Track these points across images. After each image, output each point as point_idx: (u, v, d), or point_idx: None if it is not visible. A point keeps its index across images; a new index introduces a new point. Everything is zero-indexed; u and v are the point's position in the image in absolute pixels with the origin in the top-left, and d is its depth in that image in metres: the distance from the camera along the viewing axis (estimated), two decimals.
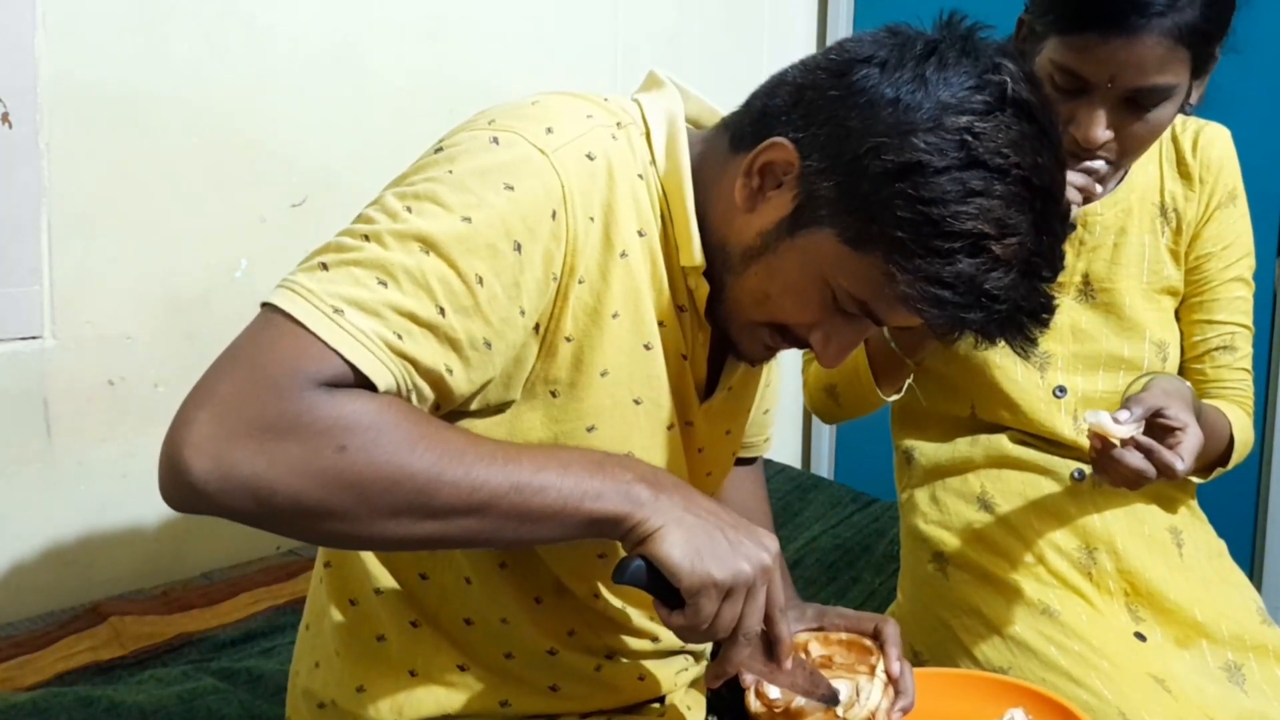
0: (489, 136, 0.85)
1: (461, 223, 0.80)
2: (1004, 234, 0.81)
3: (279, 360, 0.75)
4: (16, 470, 1.60)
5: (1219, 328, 1.35)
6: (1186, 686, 1.24)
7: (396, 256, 0.79)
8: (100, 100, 1.60)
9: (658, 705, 1.09)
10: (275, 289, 0.79)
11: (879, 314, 0.88)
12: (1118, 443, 1.10)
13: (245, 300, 1.78)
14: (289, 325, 0.76)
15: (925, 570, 1.39)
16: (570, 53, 2.15)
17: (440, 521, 0.78)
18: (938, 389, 1.40)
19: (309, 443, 0.74)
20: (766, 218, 0.89)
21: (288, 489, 0.74)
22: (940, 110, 0.82)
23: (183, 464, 0.73)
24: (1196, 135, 1.33)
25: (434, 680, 0.99)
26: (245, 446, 0.73)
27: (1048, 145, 0.84)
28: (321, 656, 1.03)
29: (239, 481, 0.73)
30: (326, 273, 0.78)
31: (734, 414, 1.09)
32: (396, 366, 0.78)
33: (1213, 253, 1.33)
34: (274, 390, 0.74)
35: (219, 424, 0.73)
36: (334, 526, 0.77)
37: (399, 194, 0.83)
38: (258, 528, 0.77)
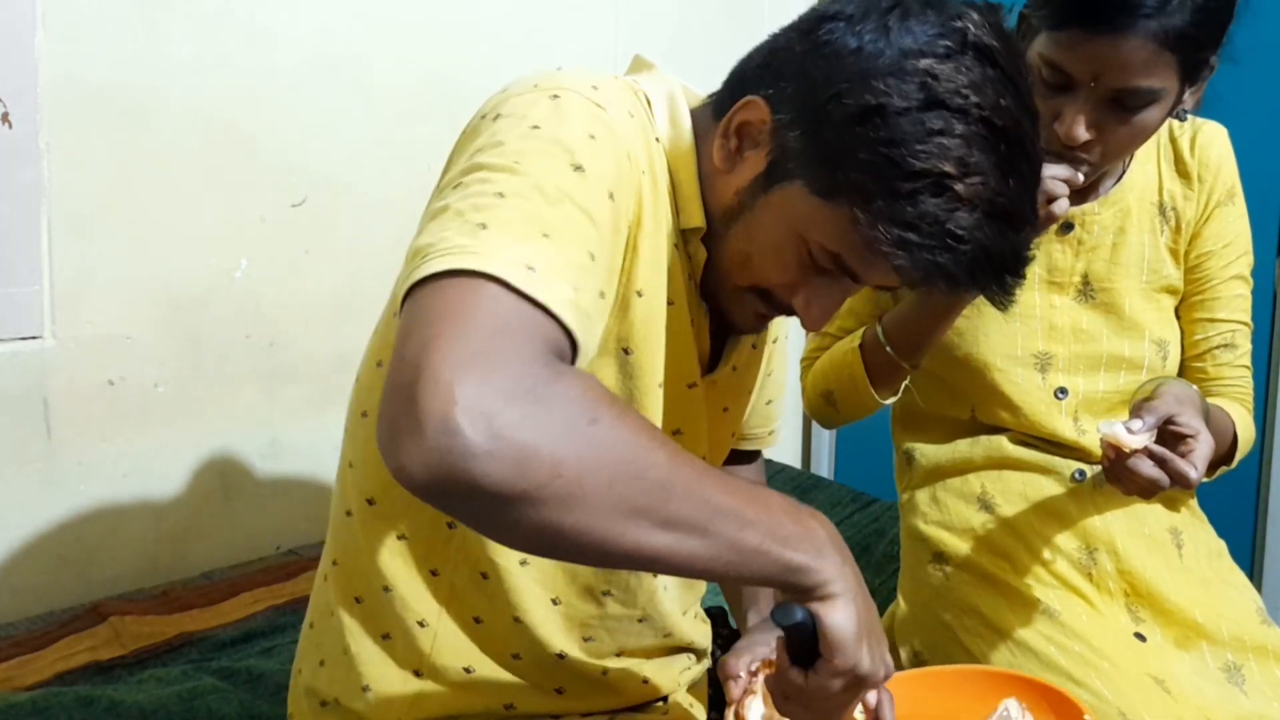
0: (547, 95, 0.84)
1: (575, 171, 0.79)
2: (966, 173, 0.80)
3: (505, 322, 0.69)
4: (16, 470, 1.60)
5: (1220, 326, 1.35)
6: (1186, 687, 1.24)
7: (542, 207, 0.76)
8: (100, 100, 1.61)
9: (661, 704, 1.09)
10: (441, 256, 0.71)
11: (854, 268, 0.87)
12: (1131, 453, 1.10)
13: (245, 300, 1.78)
14: (493, 286, 0.70)
15: (925, 570, 1.39)
16: (570, 53, 2.15)
17: (670, 534, 0.71)
18: (938, 391, 1.40)
19: (566, 411, 0.67)
20: (743, 177, 0.90)
21: (550, 458, 0.65)
22: (901, 55, 0.82)
23: (454, 426, 0.63)
24: (1194, 134, 1.33)
25: (439, 681, 0.99)
26: (514, 410, 0.65)
27: (1011, 90, 0.83)
28: (326, 655, 1.03)
29: (512, 444, 0.64)
30: (489, 232, 0.73)
31: (735, 393, 1.09)
32: (580, 327, 0.74)
33: (1213, 251, 1.34)
34: (521, 355, 0.68)
35: (482, 387, 0.65)
36: (575, 516, 0.67)
37: (497, 154, 0.79)
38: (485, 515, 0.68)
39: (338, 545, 1.03)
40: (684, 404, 1.00)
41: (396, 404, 0.66)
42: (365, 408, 0.99)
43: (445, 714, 0.99)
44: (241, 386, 1.81)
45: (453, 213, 0.75)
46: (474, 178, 0.78)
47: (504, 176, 0.77)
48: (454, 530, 0.95)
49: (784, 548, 0.75)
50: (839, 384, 1.36)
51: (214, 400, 1.77)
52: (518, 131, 0.81)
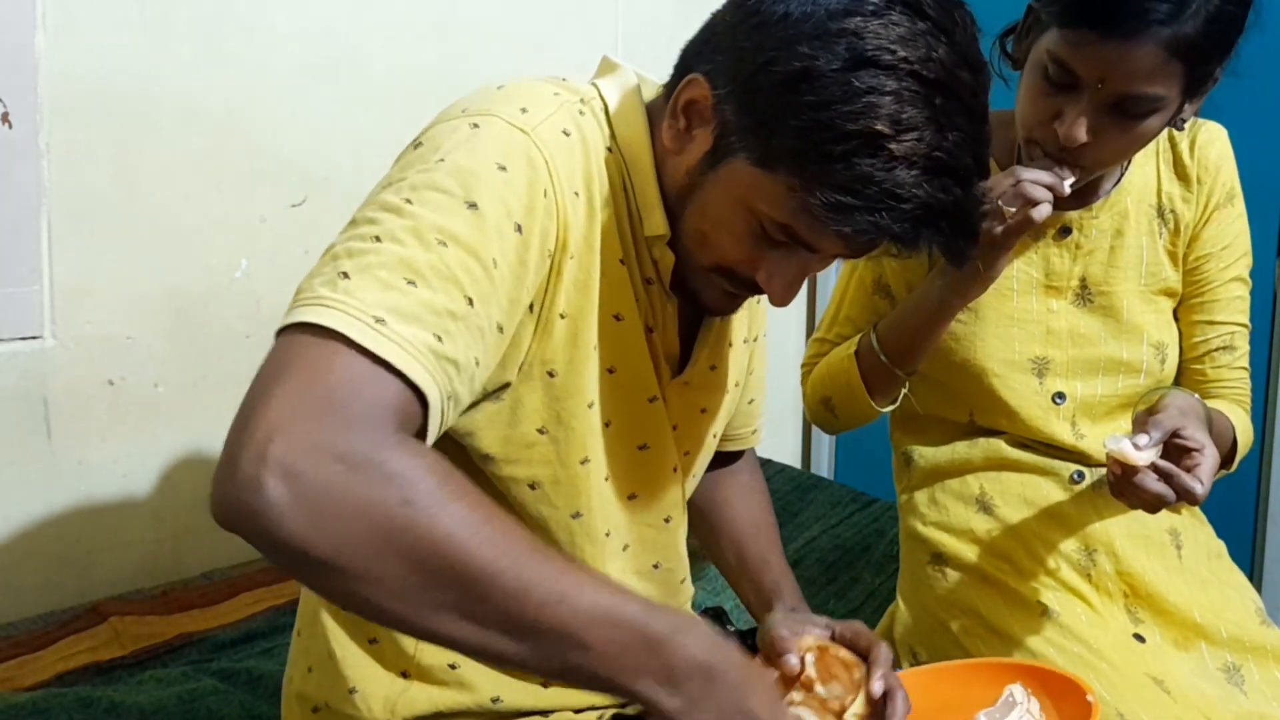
0: (467, 123, 0.84)
1: (468, 209, 0.79)
2: (899, 131, 0.79)
3: (338, 383, 0.69)
4: (16, 470, 1.60)
5: (1219, 328, 1.35)
6: (1186, 688, 1.24)
7: (417, 252, 0.76)
8: (100, 100, 1.60)
9: None
10: (300, 307, 0.73)
11: (804, 237, 0.86)
12: (1140, 468, 1.10)
13: (245, 300, 1.78)
14: (333, 343, 0.71)
15: (924, 571, 1.39)
16: (570, 53, 2.15)
17: (477, 630, 0.69)
18: (936, 396, 1.40)
19: (376, 485, 0.66)
20: (692, 156, 0.89)
21: (346, 530, 0.66)
22: (827, 17, 0.81)
23: (257, 481, 0.66)
24: (1194, 136, 1.33)
25: (426, 679, 0.99)
26: (320, 470, 0.66)
27: (945, 42, 0.81)
28: (314, 661, 1.03)
29: (310, 503, 0.65)
30: (350, 281, 0.73)
31: (711, 391, 1.08)
32: (440, 374, 0.74)
33: (1212, 253, 1.33)
34: (342, 417, 0.68)
35: (291, 444, 0.66)
36: (369, 593, 0.67)
37: (394, 191, 0.80)
38: (285, 568, 0.69)
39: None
40: (646, 418, 0.99)
41: (224, 450, 0.69)
42: None
43: (434, 710, 0.99)
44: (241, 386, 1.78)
45: (330, 255, 0.77)
46: (365, 215, 0.80)
47: (389, 217, 0.78)
48: None
49: (623, 675, 0.72)
50: (836, 391, 1.36)
51: (214, 400, 1.77)
52: (423, 165, 0.82)
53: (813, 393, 1.41)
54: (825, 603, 1.80)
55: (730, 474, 1.27)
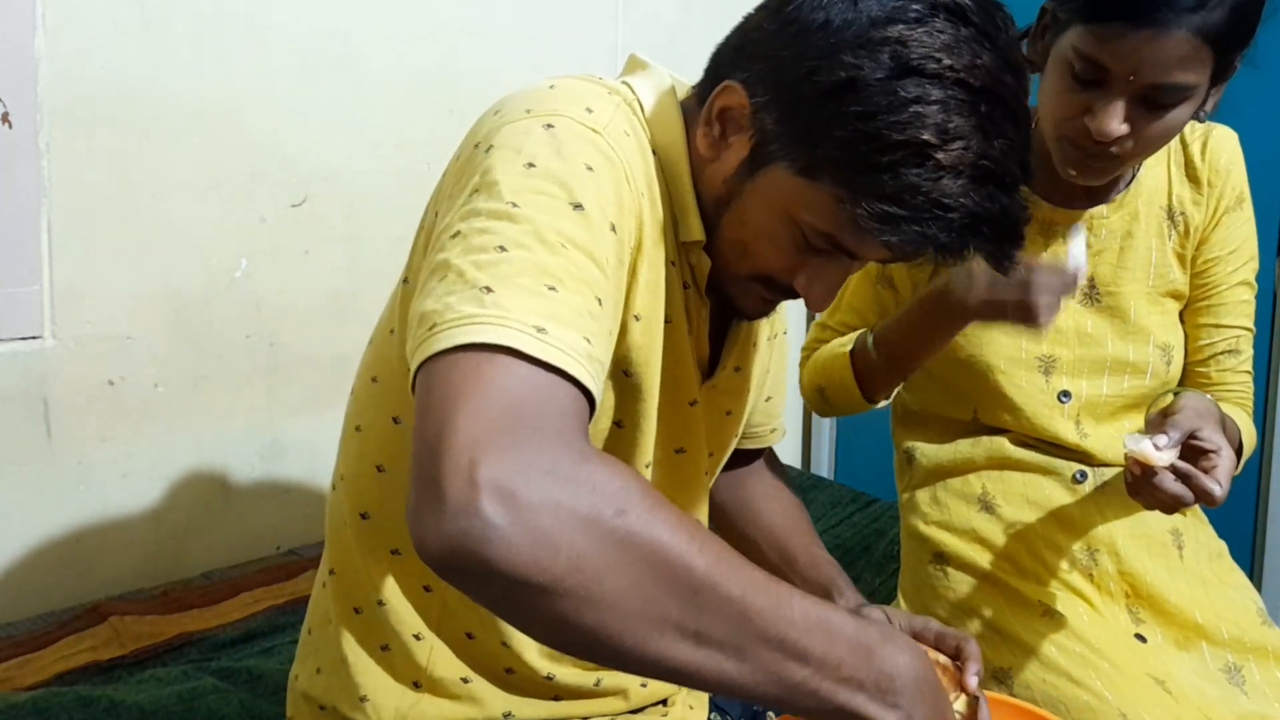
0: (540, 124, 0.81)
1: (575, 210, 0.77)
2: (946, 140, 0.78)
3: (522, 398, 0.66)
4: (16, 470, 1.60)
5: (1225, 332, 1.34)
6: (1187, 688, 1.23)
7: (546, 257, 0.73)
8: (100, 100, 1.60)
9: (661, 707, 1.09)
10: (451, 329, 0.69)
11: (848, 245, 0.85)
12: (1159, 469, 1.09)
13: (245, 300, 1.78)
14: (504, 358, 0.67)
15: (925, 570, 1.39)
16: (570, 53, 2.16)
17: (697, 649, 0.65)
18: (939, 392, 1.40)
19: (588, 497, 0.63)
20: (729, 163, 0.88)
21: (570, 548, 0.61)
22: (869, 24, 0.80)
23: (473, 506, 0.61)
24: (1205, 138, 1.33)
25: (437, 692, 0.98)
26: (534, 487, 0.62)
27: (989, 47, 0.80)
28: (324, 662, 1.02)
29: (531, 530, 0.61)
30: (496, 295, 0.70)
31: (736, 394, 1.08)
32: (595, 376, 0.71)
33: (1220, 257, 1.33)
34: (536, 431, 0.64)
35: (499, 463, 0.62)
36: (593, 617, 0.63)
37: (493, 199, 0.77)
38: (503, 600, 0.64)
39: (335, 555, 1.03)
40: (686, 422, 0.99)
41: (421, 485, 0.63)
42: (359, 422, 0.98)
43: None
44: (241, 386, 1.81)
45: (455, 273, 0.73)
46: (473, 226, 0.76)
47: (503, 225, 0.75)
48: None
49: (840, 688, 0.69)
50: (830, 384, 1.36)
51: (214, 400, 1.77)
52: (513, 169, 0.78)
53: (809, 380, 1.41)
54: None
55: (753, 473, 1.26)
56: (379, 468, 0.96)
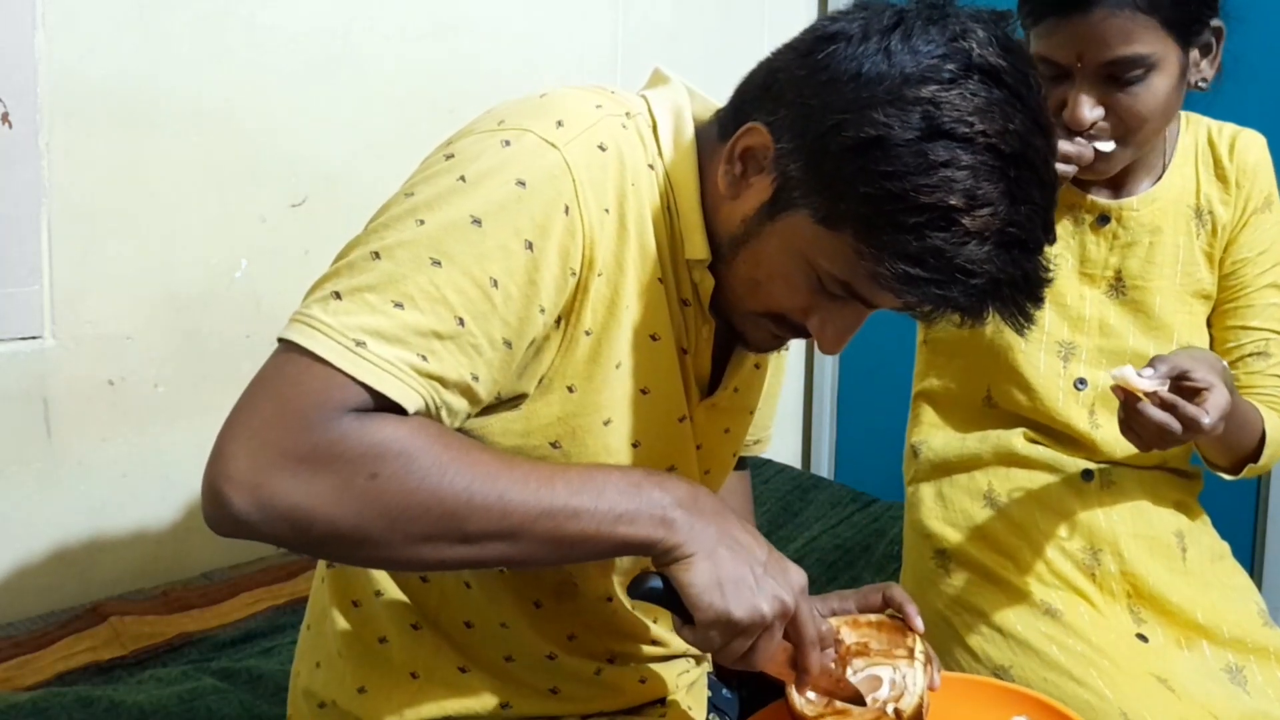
0: (500, 139, 0.84)
1: (471, 226, 0.80)
2: (974, 206, 0.78)
3: (306, 394, 0.77)
4: (16, 470, 1.60)
5: (1253, 333, 1.33)
6: (1190, 686, 1.23)
7: (409, 273, 0.79)
8: (100, 100, 1.60)
9: (659, 707, 1.09)
10: (292, 323, 0.80)
11: (863, 294, 0.85)
12: (1142, 397, 1.08)
13: (245, 300, 1.78)
14: (311, 361, 0.77)
15: (928, 566, 1.39)
16: (570, 53, 2.15)
17: (473, 546, 0.79)
18: (955, 370, 1.39)
19: (341, 472, 0.76)
20: (748, 204, 0.88)
21: (324, 517, 0.76)
22: (902, 82, 0.79)
23: (223, 498, 0.75)
24: (1233, 140, 1.33)
25: (435, 682, 0.99)
26: (281, 479, 0.75)
27: (1021, 110, 0.80)
28: (323, 657, 1.02)
29: (278, 512, 0.75)
30: (341, 303, 0.79)
31: (735, 413, 1.08)
32: (424, 388, 0.79)
33: (1248, 258, 1.33)
34: (304, 423, 0.76)
35: (253, 458, 0.75)
36: (370, 552, 0.80)
37: (410, 205, 0.83)
38: (299, 553, 0.80)
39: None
40: (674, 438, 0.98)
41: (210, 457, 0.78)
42: None
43: (442, 715, 0.99)
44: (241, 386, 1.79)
45: (333, 271, 0.83)
46: (378, 221, 0.84)
47: (393, 233, 0.81)
48: None
49: (621, 527, 0.81)
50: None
51: (214, 400, 1.75)
52: (443, 180, 0.83)
53: None
54: None
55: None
56: None
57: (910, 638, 1.00)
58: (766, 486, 2.18)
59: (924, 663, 0.98)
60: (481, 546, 0.79)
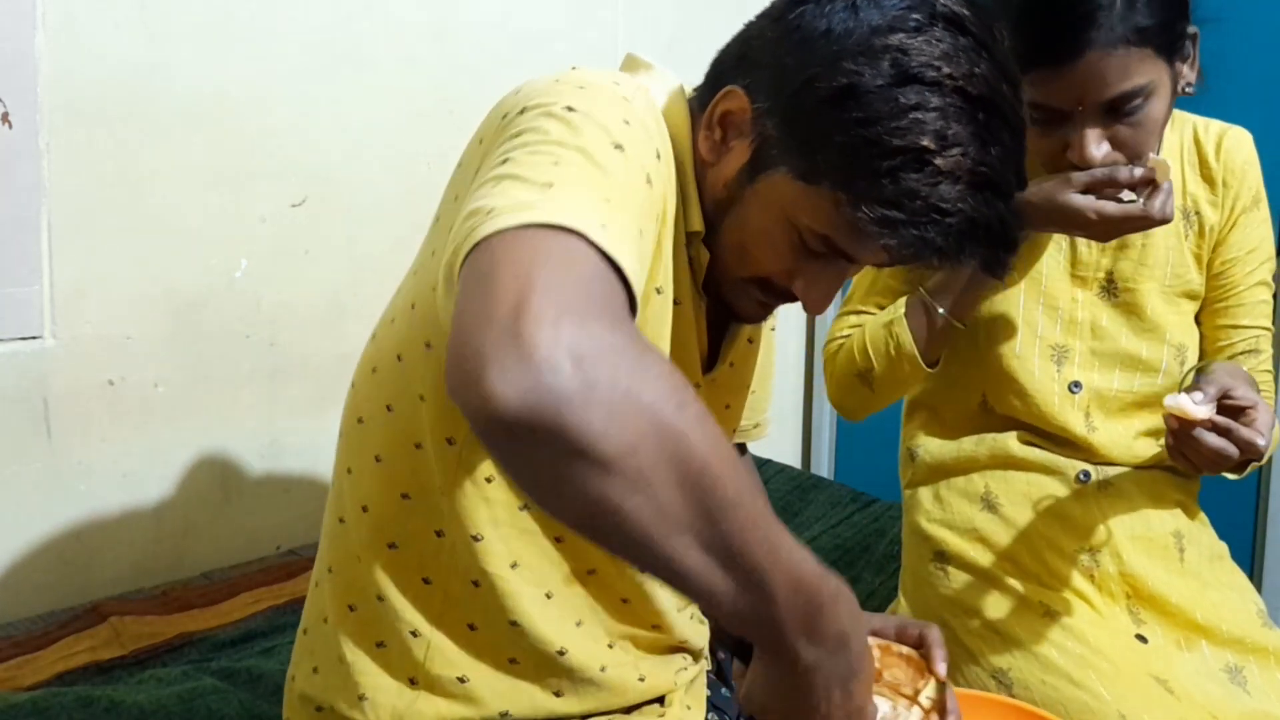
0: (572, 85, 0.82)
1: (615, 150, 0.77)
2: (944, 146, 0.80)
3: (591, 279, 0.65)
4: (16, 470, 1.60)
5: (1244, 332, 1.35)
6: (1189, 687, 1.23)
7: (597, 176, 0.73)
8: (100, 100, 1.60)
9: (658, 706, 1.09)
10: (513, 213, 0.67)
11: (845, 249, 0.87)
12: (1196, 424, 1.09)
13: (245, 300, 1.78)
14: (575, 240, 0.66)
15: (926, 569, 1.39)
16: (570, 53, 2.15)
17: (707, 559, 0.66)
18: (949, 376, 1.39)
19: (654, 384, 0.63)
20: (729, 167, 0.90)
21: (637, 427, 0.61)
22: (870, 33, 0.82)
23: (555, 361, 0.59)
24: (1220, 139, 1.33)
25: (434, 689, 0.98)
26: (610, 362, 0.61)
27: (986, 57, 0.83)
28: (320, 662, 1.02)
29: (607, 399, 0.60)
30: (555, 190, 0.70)
31: (734, 389, 1.09)
32: (640, 295, 0.71)
33: (1238, 258, 1.33)
34: (610, 310, 0.64)
35: (581, 331, 0.61)
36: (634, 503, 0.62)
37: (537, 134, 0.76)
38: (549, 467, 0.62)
39: (332, 553, 1.02)
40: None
41: (490, 334, 0.61)
42: (362, 414, 0.98)
43: None
44: (241, 386, 1.81)
45: (510, 178, 0.72)
46: (521, 153, 0.74)
47: (553, 148, 0.74)
48: (443, 539, 0.95)
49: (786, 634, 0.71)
50: (879, 359, 1.33)
51: (214, 400, 1.77)
52: (553, 117, 0.78)
53: (845, 367, 1.36)
54: None
55: None
56: (377, 459, 0.96)
57: (924, 680, 1.00)
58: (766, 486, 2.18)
59: (925, 710, 0.98)
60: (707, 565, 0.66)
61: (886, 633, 1.04)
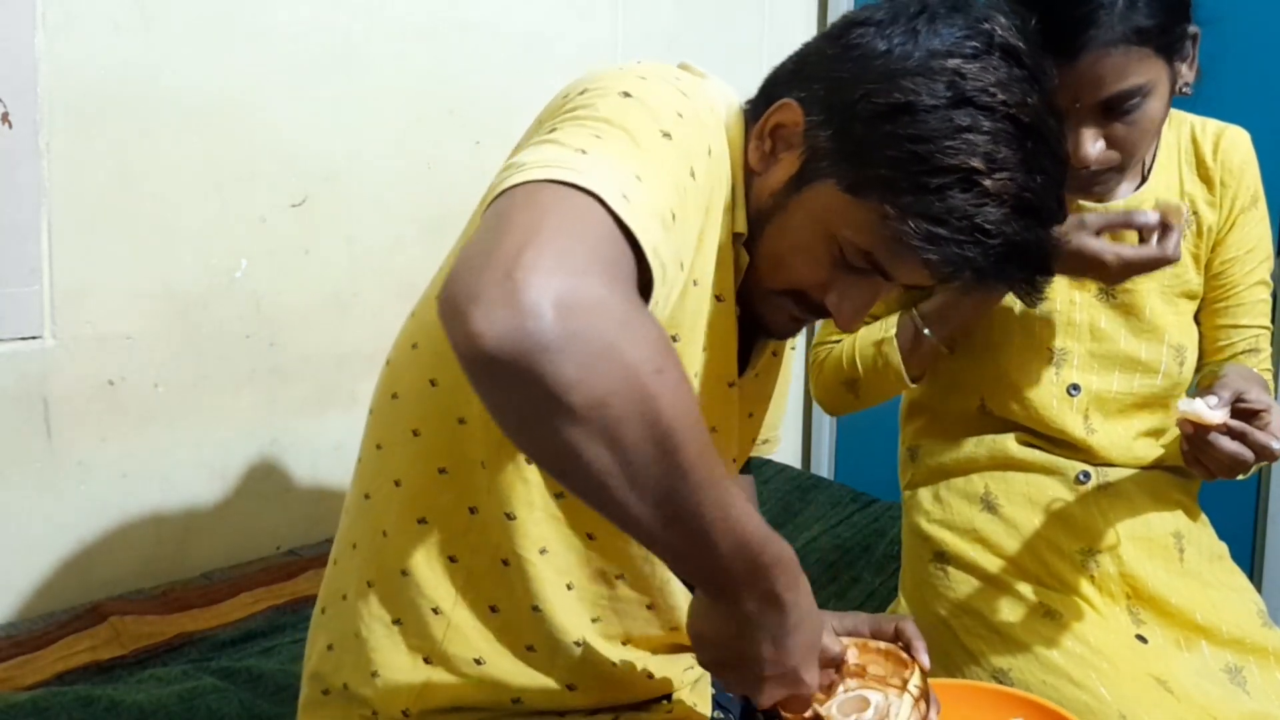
0: (634, 75, 0.85)
1: (663, 138, 0.80)
2: (993, 169, 0.83)
3: (600, 239, 0.69)
4: (16, 470, 1.60)
5: (1244, 331, 1.35)
6: (1189, 687, 1.23)
7: (635, 153, 0.76)
8: (100, 100, 1.61)
9: (665, 702, 1.09)
10: (539, 168, 0.71)
11: (884, 264, 0.89)
12: (1211, 428, 1.09)
13: (245, 300, 1.78)
14: (590, 200, 0.69)
15: (926, 569, 1.39)
16: (570, 53, 2.15)
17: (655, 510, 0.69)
18: (948, 380, 1.39)
19: (638, 345, 0.65)
20: (777, 178, 0.92)
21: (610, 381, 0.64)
22: (929, 56, 0.85)
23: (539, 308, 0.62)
24: (1217, 139, 1.33)
25: (448, 670, 0.98)
26: (596, 315, 0.64)
27: (1037, 89, 0.86)
28: (335, 639, 1.02)
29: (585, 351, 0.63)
30: (589, 157, 0.73)
31: (757, 398, 1.10)
32: (657, 272, 0.73)
33: (1237, 257, 1.33)
34: (608, 272, 0.67)
35: (573, 283, 0.64)
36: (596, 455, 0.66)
37: (587, 111, 0.79)
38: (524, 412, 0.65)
39: (355, 529, 1.02)
40: (722, 402, 1.00)
41: (486, 272, 0.64)
42: (396, 389, 0.98)
43: (452, 704, 0.99)
44: (241, 386, 1.81)
45: (550, 142, 0.76)
46: (567, 123, 0.78)
47: (599, 124, 0.78)
48: (475, 516, 0.95)
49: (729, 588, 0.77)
50: (866, 371, 1.34)
51: (214, 400, 1.77)
52: (609, 98, 0.81)
53: (833, 374, 1.38)
54: (825, 603, 1.79)
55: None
56: (414, 433, 0.97)
57: (909, 670, 1.02)
58: (766, 486, 2.19)
59: (915, 699, 0.99)
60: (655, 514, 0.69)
61: (861, 630, 1.06)
